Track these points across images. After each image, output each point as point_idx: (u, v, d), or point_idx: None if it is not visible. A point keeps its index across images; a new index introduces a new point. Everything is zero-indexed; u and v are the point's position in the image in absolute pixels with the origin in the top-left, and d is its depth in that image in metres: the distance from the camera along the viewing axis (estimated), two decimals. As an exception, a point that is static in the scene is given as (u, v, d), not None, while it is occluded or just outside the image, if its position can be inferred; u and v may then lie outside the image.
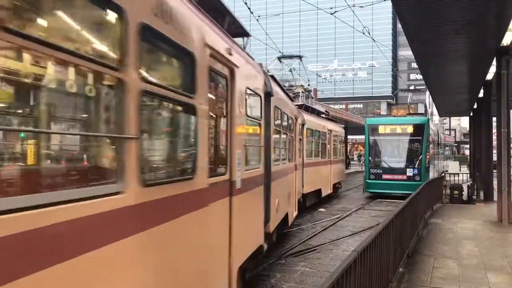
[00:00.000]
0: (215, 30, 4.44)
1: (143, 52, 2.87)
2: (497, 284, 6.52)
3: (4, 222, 1.81)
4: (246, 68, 5.82)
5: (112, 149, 2.87)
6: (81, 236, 2.27)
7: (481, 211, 14.62)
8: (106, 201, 2.46)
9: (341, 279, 3.21)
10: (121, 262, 2.64)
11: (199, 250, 3.89)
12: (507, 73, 12.10)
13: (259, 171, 6.34)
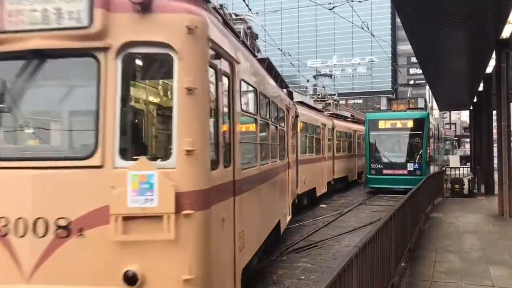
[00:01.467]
0: (286, 97, 10.47)
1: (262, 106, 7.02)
2: (499, 277, 6.52)
3: (266, 166, 6.81)
4: (293, 111, 11.99)
5: (282, 146, 8.94)
6: (276, 171, 7.91)
7: (482, 204, 14.62)
8: (283, 162, 9.00)
9: (342, 274, 3.20)
10: (283, 180, 9.08)
11: (283, 186, 9.21)
12: (507, 66, 12.06)
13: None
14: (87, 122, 3.73)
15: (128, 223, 3.42)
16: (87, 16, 3.52)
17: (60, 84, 4.09)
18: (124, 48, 3.59)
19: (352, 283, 3.51)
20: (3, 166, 3.66)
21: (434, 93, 26.20)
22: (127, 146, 3.75)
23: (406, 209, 7.27)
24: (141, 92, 4.84)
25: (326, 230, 11.48)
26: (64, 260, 3.48)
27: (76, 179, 3.57)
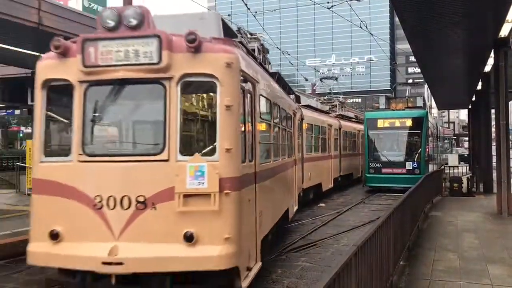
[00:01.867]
0: (292, 102, 11.88)
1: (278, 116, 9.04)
2: (498, 276, 6.53)
3: (277, 162, 8.21)
4: (299, 114, 13.77)
5: (289, 146, 10.28)
6: (284, 166, 9.10)
7: (481, 203, 14.65)
8: (290, 159, 10.23)
9: (341, 273, 3.21)
10: (291, 174, 10.44)
11: (291, 179, 10.38)
12: (505, 65, 12.08)
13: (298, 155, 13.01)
14: (158, 129, 5.22)
15: (187, 199, 4.90)
16: (157, 56, 4.99)
17: (138, 102, 5.68)
18: (183, 78, 5.09)
19: (351, 282, 3.52)
20: (100, 160, 5.22)
21: (433, 92, 26.24)
22: (184, 146, 5.28)
23: (405, 207, 7.28)
24: (193, 107, 6.35)
25: (325, 229, 11.49)
26: (142, 225, 4.92)
27: (150, 169, 5.07)
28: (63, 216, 5.19)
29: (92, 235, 5.03)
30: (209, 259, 4.88)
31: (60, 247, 5.14)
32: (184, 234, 4.86)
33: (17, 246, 8.91)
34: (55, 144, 6.06)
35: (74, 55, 5.23)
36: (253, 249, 5.95)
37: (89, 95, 5.36)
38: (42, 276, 6.42)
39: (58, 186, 5.27)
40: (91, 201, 5.06)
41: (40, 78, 5.62)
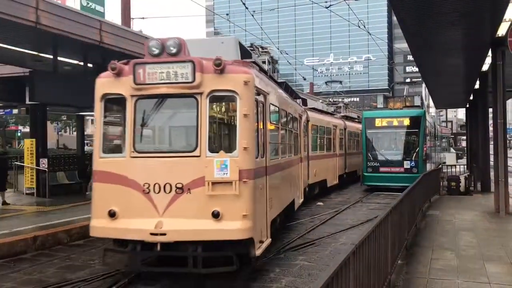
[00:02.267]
0: (298, 106, 13.27)
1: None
2: (495, 274, 6.55)
3: (285, 159, 9.78)
4: (305, 116, 14.92)
5: (295, 145, 11.77)
6: (290, 163, 10.59)
7: (478, 202, 14.68)
8: (296, 156, 11.81)
9: (340, 272, 3.21)
10: (297, 170, 12.03)
11: (296, 174, 11.93)
12: (503, 64, 12.10)
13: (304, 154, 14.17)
14: (192, 132, 6.74)
15: (214, 185, 6.33)
16: (191, 76, 6.44)
17: (176, 112, 7.38)
18: (211, 93, 6.55)
19: (349, 280, 3.53)
20: (147, 156, 6.78)
21: (431, 91, 26.25)
22: (212, 145, 6.88)
23: (402, 206, 7.29)
24: (218, 115, 7.94)
25: (323, 228, 11.51)
26: (180, 205, 6.38)
27: (186, 163, 6.51)
28: (118, 199, 6.66)
29: (142, 213, 6.50)
30: (231, 231, 6.34)
31: (116, 222, 6.60)
32: (212, 212, 6.31)
33: (15, 245, 8.91)
34: (111, 144, 7.65)
35: (127, 75, 6.73)
36: (264, 227, 7.47)
37: (138, 106, 6.88)
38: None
39: (114, 176, 6.76)
40: (140, 187, 6.55)
41: (99, 92, 7.09)
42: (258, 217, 6.92)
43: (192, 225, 6.38)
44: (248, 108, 6.62)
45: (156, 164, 6.69)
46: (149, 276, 7.23)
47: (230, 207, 6.37)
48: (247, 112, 6.59)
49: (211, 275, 6.65)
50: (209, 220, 6.34)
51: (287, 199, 10.36)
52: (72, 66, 13.93)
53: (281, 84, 11.40)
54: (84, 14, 11.27)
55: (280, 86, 10.63)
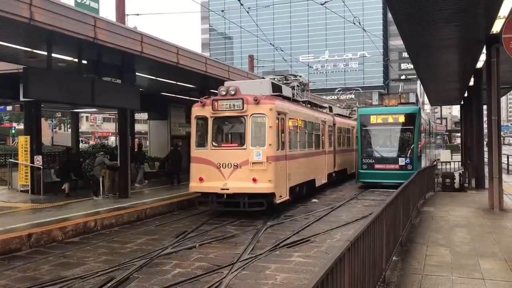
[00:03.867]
0: (322, 114, 18.75)
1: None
2: (489, 270, 6.58)
3: (303, 150, 15.31)
4: (331, 121, 19.88)
5: (317, 142, 17.40)
6: (311, 154, 16.19)
7: (473, 198, 14.74)
8: (318, 150, 17.34)
9: (334, 268, 3.22)
10: (319, 159, 17.38)
11: (322, 163, 17.84)
12: (497, 61, 12.12)
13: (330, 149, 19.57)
14: (242, 136, 12.70)
15: (253, 164, 12.00)
16: (242, 106, 12.28)
17: (234, 125, 13.45)
18: (252, 115, 12.28)
19: (344, 277, 3.54)
20: (219, 148, 12.79)
21: (425, 88, 26.30)
22: (252, 143, 12.31)
23: (397, 203, 7.32)
24: (256, 126, 12.66)
25: (318, 224, 11.53)
26: (236, 174, 12.14)
27: (239, 152, 12.28)
28: (204, 171, 12.50)
29: (216, 178, 12.28)
30: (262, 188, 12.00)
31: (203, 184, 12.52)
32: (252, 178, 11.98)
33: (10, 243, 8.87)
34: (201, 141, 13.19)
35: (208, 105, 12.71)
36: (284, 190, 13.02)
37: (214, 122, 12.82)
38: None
39: (202, 159, 12.64)
40: (215, 165, 12.36)
41: (193, 114, 13.19)
42: (279, 183, 12.57)
43: (242, 185, 12.12)
44: (272, 123, 12.40)
45: (224, 152, 12.66)
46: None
47: (261, 176, 12.06)
48: (271, 125, 12.39)
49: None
50: (250, 182, 12.07)
51: (306, 177, 15.64)
52: (67, 63, 13.85)
53: (305, 101, 17.37)
54: (79, 11, 11.19)
55: (303, 103, 17.05)
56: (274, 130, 12.36)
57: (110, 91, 14.07)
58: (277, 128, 12.62)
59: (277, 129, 12.56)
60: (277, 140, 12.57)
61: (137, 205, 13.12)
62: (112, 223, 11.45)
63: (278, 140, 12.63)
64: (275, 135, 12.38)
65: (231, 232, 10.60)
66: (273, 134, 12.31)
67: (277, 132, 12.54)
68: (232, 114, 12.60)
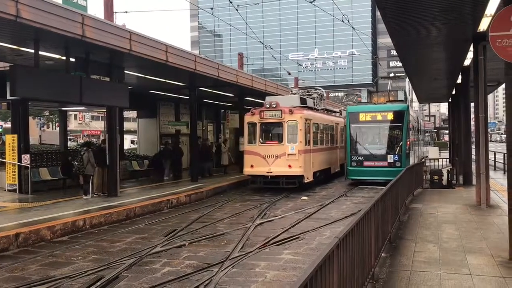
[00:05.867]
0: (335, 118, 24.42)
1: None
2: (476, 266, 6.66)
3: (322, 146, 20.68)
4: (343, 123, 24.03)
5: (332, 140, 22.66)
6: (328, 149, 21.63)
7: (460, 195, 14.88)
8: (333, 145, 22.67)
9: (323, 265, 3.24)
10: (333, 153, 22.55)
11: (336, 155, 22.93)
12: (484, 59, 12.24)
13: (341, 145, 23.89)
14: (281, 136, 17.88)
15: (289, 156, 17.33)
16: (280, 115, 17.68)
17: (275, 128, 18.39)
18: (287, 121, 17.74)
19: (333, 274, 3.56)
20: (265, 144, 17.98)
21: (414, 86, 26.50)
22: (288, 140, 17.61)
23: (386, 200, 7.37)
24: (291, 129, 17.70)
25: (308, 222, 11.58)
26: (277, 162, 17.44)
27: (279, 147, 17.65)
28: (254, 160, 17.75)
29: (263, 165, 17.56)
30: (295, 171, 17.31)
31: (253, 169, 17.83)
32: (288, 165, 17.25)
33: (-3, 242, 8.79)
34: (251, 139, 18.34)
35: (257, 114, 18.05)
36: (309, 174, 18.19)
37: (261, 127, 18.10)
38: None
39: (252, 152, 17.94)
40: (262, 156, 17.60)
41: (246, 120, 18.50)
42: (306, 169, 17.72)
43: (281, 169, 17.22)
44: (301, 126, 17.41)
45: (268, 147, 17.64)
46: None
47: (294, 163, 17.17)
48: (301, 128, 17.40)
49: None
50: (287, 168, 17.18)
51: (324, 165, 20.64)
52: (55, 61, 13.71)
53: (323, 109, 22.92)
54: (66, 8, 11.06)
55: (322, 109, 22.76)
56: (303, 132, 17.50)
57: (98, 89, 13.95)
58: (305, 130, 17.75)
59: (304, 131, 17.68)
60: (305, 138, 17.76)
61: (126, 204, 13.06)
62: (101, 222, 11.38)
63: (305, 139, 17.78)
64: (303, 135, 17.56)
65: (220, 230, 10.60)
66: (302, 134, 17.46)
67: (304, 133, 17.69)
68: (274, 121, 17.85)
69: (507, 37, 6.96)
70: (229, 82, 19.43)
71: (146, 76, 17.49)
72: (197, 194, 15.97)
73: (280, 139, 17.78)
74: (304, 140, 17.57)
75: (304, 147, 17.60)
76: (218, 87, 21.22)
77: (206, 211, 13.44)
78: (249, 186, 19.03)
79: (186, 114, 25.04)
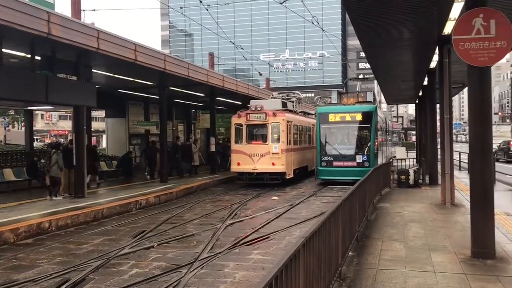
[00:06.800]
0: (312, 120, 25.12)
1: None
2: (440, 263, 6.83)
3: (301, 146, 22.28)
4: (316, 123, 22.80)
5: (309, 140, 24.39)
6: (306, 148, 23.12)
7: (426, 194, 15.22)
8: (309, 145, 23.80)
9: (289, 265, 3.26)
10: (309, 152, 23.14)
11: (313, 154, 22.11)
12: (449, 61, 12.55)
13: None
14: (265, 136, 19.53)
15: (273, 154, 19.11)
16: (265, 117, 19.39)
17: (260, 129, 19.78)
18: (271, 123, 19.33)
19: (299, 273, 3.59)
20: (250, 144, 19.64)
21: (382, 87, 26.96)
22: (272, 140, 19.37)
23: (353, 199, 7.47)
24: (275, 130, 19.48)
25: (278, 221, 11.63)
26: (262, 160, 19.21)
27: (264, 146, 19.35)
28: (241, 159, 19.44)
29: (248, 163, 19.30)
30: (278, 169, 19.09)
31: (240, 166, 19.55)
32: (272, 163, 19.01)
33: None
34: (238, 139, 19.85)
35: (243, 116, 19.66)
36: (290, 170, 19.95)
37: (247, 128, 19.66)
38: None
39: (239, 151, 19.59)
40: (248, 155, 19.31)
41: (233, 122, 20.07)
42: (288, 166, 19.45)
43: (265, 167, 19.03)
44: (283, 128, 19.21)
45: (253, 146, 19.30)
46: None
47: (277, 161, 18.96)
48: (283, 129, 19.19)
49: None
50: (271, 165, 19.00)
51: (302, 163, 22.20)
52: (19, 59, 13.36)
53: (301, 112, 24.79)
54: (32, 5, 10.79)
55: (300, 113, 24.33)
56: (285, 133, 19.27)
57: (65, 88, 13.67)
58: (287, 131, 19.43)
59: (286, 132, 19.40)
60: (287, 139, 19.47)
61: (94, 205, 12.83)
62: (68, 223, 11.15)
63: (287, 139, 19.48)
64: (285, 136, 19.32)
65: (190, 231, 10.54)
66: (284, 135, 19.26)
67: (286, 133, 19.42)
68: (259, 122, 19.51)
69: (470, 40, 7.17)
70: (200, 82, 19.35)
71: (115, 75, 17.23)
72: (167, 195, 15.83)
73: (265, 139, 19.47)
74: (286, 140, 19.36)
75: (286, 147, 19.41)
76: (189, 86, 21.11)
77: (175, 212, 13.34)
78: (219, 186, 20.13)
79: (156, 114, 24.81)
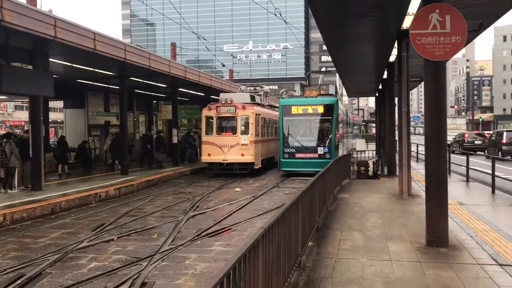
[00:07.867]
0: (275, 112, 24.37)
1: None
2: (396, 252, 7.03)
3: (268, 138, 23.72)
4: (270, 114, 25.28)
5: (275, 133, 24.83)
6: (272, 141, 23.97)
7: (385, 185, 15.60)
8: (276, 137, 23.75)
9: (248, 255, 3.29)
10: (276, 144, 23.04)
11: (276, 146, 22.56)
12: (407, 55, 12.86)
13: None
14: (234, 128, 20.55)
15: (242, 145, 20.13)
16: (234, 110, 20.42)
17: (230, 121, 20.86)
18: (240, 115, 20.36)
19: (258, 263, 3.62)
20: (221, 135, 20.67)
21: (343, 80, 27.37)
22: (241, 132, 20.39)
23: (313, 191, 7.57)
24: (243, 123, 20.54)
25: (240, 213, 11.68)
26: (231, 151, 20.20)
27: (233, 137, 20.40)
28: (211, 150, 20.40)
29: (219, 154, 20.23)
30: (247, 159, 20.15)
31: (211, 157, 20.43)
32: (241, 153, 19.99)
33: None
34: (209, 131, 20.83)
35: (214, 109, 20.73)
36: (258, 161, 21.10)
37: (217, 120, 20.72)
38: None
39: (210, 142, 20.57)
40: (219, 146, 20.27)
41: (204, 114, 21.12)
42: (256, 157, 20.56)
43: (235, 157, 19.98)
44: (252, 120, 20.32)
45: (223, 138, 20.38)
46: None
47: (246, 152, 19.98)
48: (252, 122, 20.30)
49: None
50: (240, 156, 19.97)
51: (270, 154, 23.27)
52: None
53: (268, 105, 25.84)
54: (-17, -10, 10.34)
55: (267, 106, 25.41)
56: (254, 125, 20.31)
57: (20, 77, 13.19)
58: (255, 123, 20.49)
59: (255, 124, 20.45)
60: (255, 131, 20.48)
61: (51, 198, 12.50)
62: (24, 217, 10.83)
63: (256, 131, 20.52)
64: (254, 128, 20.35)
65: (151, 224, 10.44)
66: (253, 127, 20.30)
67: (255, 126, 20.46)
68: (229, 115, 20.46)
69: (426, 35, 7.35)
70: (162, 72, 19.08)
71: (74, 64, 16.75)
72: (127, 187, 15.60)
73: (234, 131, 20.41)
74: (255, 132, 20.40)
75: (255, 138, 20.47)
76: (150, 77, 20.79)
77: (136, 204, 13.17)
78: (181, 178, 20.30)
79: (116, 105, 24.32)
